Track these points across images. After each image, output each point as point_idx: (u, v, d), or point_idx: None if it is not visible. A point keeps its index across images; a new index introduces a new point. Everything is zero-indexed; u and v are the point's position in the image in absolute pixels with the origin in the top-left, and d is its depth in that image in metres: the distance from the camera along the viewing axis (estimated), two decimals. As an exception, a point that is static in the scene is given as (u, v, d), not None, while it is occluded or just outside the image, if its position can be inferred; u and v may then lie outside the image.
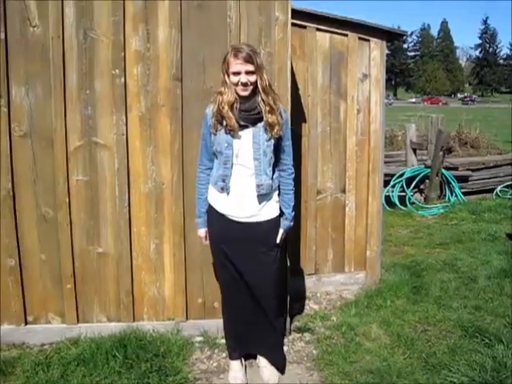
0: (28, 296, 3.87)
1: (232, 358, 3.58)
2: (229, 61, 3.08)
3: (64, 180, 3.72)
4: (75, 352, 3.65)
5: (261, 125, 3.16)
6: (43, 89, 3.64)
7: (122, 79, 3.67)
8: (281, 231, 3.35)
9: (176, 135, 3.77)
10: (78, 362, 3.54)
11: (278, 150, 3.27)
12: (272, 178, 3.25)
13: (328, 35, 4.79)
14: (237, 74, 3.06)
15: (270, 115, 3.13)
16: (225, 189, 3.22)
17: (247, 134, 3.17)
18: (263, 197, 3.24)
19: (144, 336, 3.82)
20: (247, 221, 3.26)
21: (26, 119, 3.66)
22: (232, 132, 3.13)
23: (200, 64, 3.74)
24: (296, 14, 4.17)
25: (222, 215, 3.29)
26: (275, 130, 3.14)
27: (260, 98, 3.13)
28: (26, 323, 3.89)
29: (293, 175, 3.38)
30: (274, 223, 3.33)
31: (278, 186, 3.35)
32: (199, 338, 3.95)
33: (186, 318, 4.02)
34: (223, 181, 3.22)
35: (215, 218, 3.35)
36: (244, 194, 3.22)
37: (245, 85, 3.07)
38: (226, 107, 3.09)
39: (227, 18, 3.68)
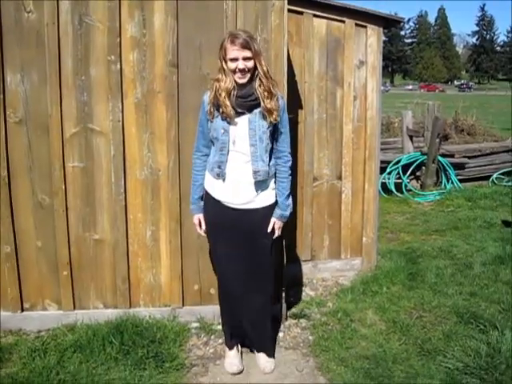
0: (24, 283, 3.87)
1: (228, 344, 3.59)
2: (226, 47, 3.06)
3: (60, 167, 3.71)
4: (72, 338, 3.67)
5: (257, 111, 3.14)
6: (38, 75, 3.62)
7: (118, 65, 3.66)
8: (272, 220, 3.32)
9: (172, 122, 3.76)
10: (74, 348, 3.55)
11: (274, 136, 3.26)
12: (269, 165, 3.24)
13: (325, 21, 4.76)
14: (234, 60, 3.04)
15: (268, 101, 3.11)
16: (221, 175, 3.22)
17: (243, 121, 3.15)
18: (259, 183, 3.23)
19: (140, 322, 3.83)
20: (243, 207, 3.25)
21: (21, 106, 3.65)
22: (228, 119, 3.12)
23: (196, 50, 3.72)
24: (292, 0, 4.14)
25: (218, 201, 3.29)
26: (274, 116, 3.13)
27: (258, 84, 3.11)
28: (23, 310, 3.90)
29: (289, 163, 3.34)
30: (270, 210, 3.32)
31: (275, 173, 3.34)
32: (195, 324, 3.97)
33: (183, 305, 4.03)
34: (219, 167, 3.21)
35: (211, 205, 3.34)
36: (240, 181, 3.21)
37: (242, 71, 3.05)
38: (224, 94, 3.08)
39: (223, 3, 3.65)
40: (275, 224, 3.32)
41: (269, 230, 3.30)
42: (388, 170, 9.34)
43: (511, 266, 5.17)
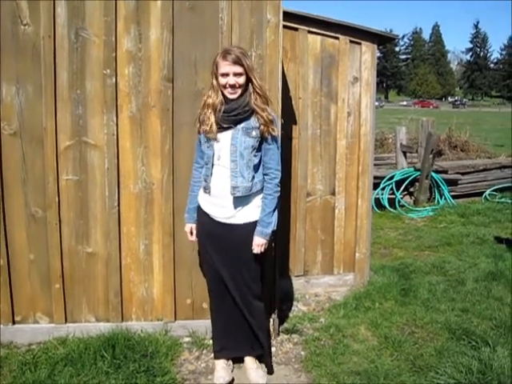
0: (16, 295, 3.85)
1: (217, 357, 3.59)
2: (218, 62, 3.12)
3: (54, 179, 3.71)
4: (63, 352, 3.65)
5: (240, 127, 3.18)
6: (34, 88, 3.63)
7: (113, 79, 3.67)
8: (254, 238, 3.28)
9: (166, 136, 3.77)
10: (65, 361, 3.53)
11: (261, 152, 3.29)
12: (252, 181, 3.22)
13: (319, 38, 4.80)
14: (225, 75, 3.10)
15: (266, 113, 3.17)
16: (206, 188, 3.29)
17: (227, 136, 3.20)
18: (241, 199, 3.24)
19: (132, 336, 3.82)
20: (226, 221, 3.29)
21: (16, 118, 3.65)
22: (210, 134, 3.20)
23: (192, 65, 3.74)
24: (288, 16, 4.18)
25: (207, 214, 3.35)
26: (272, 127, 3.19)
27: (254, 98, 3.16)
28: (14, 323, 3.88)
29: (276, 180, 3.30)
30: (253, 228, 3.29)
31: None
32: (187, 339, 3.96)
33: (175, 319, 4.02)
34: (205, 180, 3.30)
35: (201, 216, 3.43)
36: (223, 195, 3.25)
37: (233, 87, 3.10)
38: (210, 110, 3.18)
39: (219, 19, 3.68)
40: (254, 241, 3.28)
41: (253, 247, 3.28)
42: (381, 186, 9.35)
43: (503, 282, 5.19)
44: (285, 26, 4.02)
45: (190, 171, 3.58)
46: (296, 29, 4.69)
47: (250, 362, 3.59)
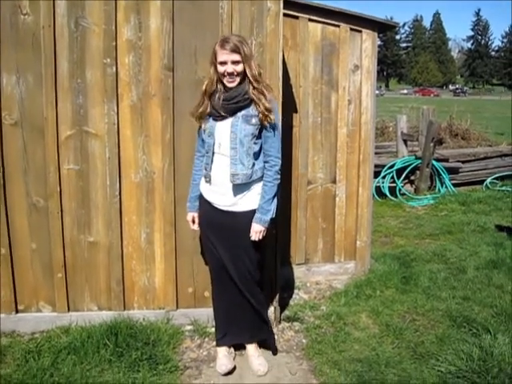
0: (19, 285, 3.87)
1: (219, 344, 3.61)
2: (216, 51, 3.14)
3: (55, 169, 3.72)
4: (66, 340, 3.67)
5: (240, 114, 3.19)
6: (34, 77, 3.63)
7: (114, 68, 3.67)
8: (252, 225, 3.28)
9: (167, 125, 3.77)
10: (68, 350, 3.55)
11: (261, 139, 3.30)
12: (252, 168, 3.23)
13: (320, 26, 4.79)
14: (223, 63, 3.11)
15: (265, 101, 3.16)
16: (207, 176, 3.31)
17: (227, 124, 3.21)
18: (241, 187, 3.25)
19: (134, 325, 3.83)
20: (227, 209, 3.31)
21: (16, 108, 3.65)
22: (208, 123, 3.26)
23: (192, 54, 3.73)
24: (288, 4, 4.16)
25: (208, 202, 3.38)
26: (271, 117, 3.17)
27: (252, 88, 3.16)
28: (17, 312, 3.90)
29: (276, 167, 3.29)
30: (253, 215, 3.30)
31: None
32: (189, 327, 3.98)
33: (177, 307, 4.03)
34: (205, 169, 3.32)
35: (202, 204, 3.45)
36: (224, 183, 3.26)
37: (231, 74, 3.12)
38: (208, 98, 3.23)
39: (219, 8, 3.67)
40: (252, 227, 3.28)
41: (251, 235, 3.28)
42: (382, 174, 9.36)
43: (504, 270, 5.20)
44: (285, 15, 4.00)
45: (191, 160, 3.58)
46: (296, 17, 4.67)
47: (251, 349, 3.61)
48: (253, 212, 3.30)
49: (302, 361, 3.64)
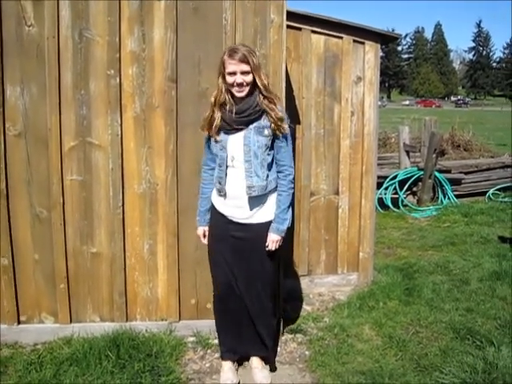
0: (21, 296, 3.86)
1: (223, 358, 3.58)
2: (224, 61, 3.10)
3: (58, 180, 3.72)
4: (68, 352, 3.66)
5: (252, 126, 3.17)
6: (38, 88, 3.64)
7: (117, 80, 3.68)
8: (269, 235, 3.29)
9: (170, 136, 3.77)
10: (70, 361, 3.54)
11: (273, 150, 3.29)
12: (267, 180, 3.23)
13: (323, 37, 4.81)
14: (232, 74, 3.08)
15: (276, 112, 3.16)
16: (221, 190, 3.26)
17: (239, 137, 3.18)
18: (257, 198, 3.24)
19: (137, 336, 3.82)
20: (243, 222, 3.28)
21: (20, 119, 3.66)
22: (214, 133, 3.21)
23: (195, 65, 3.75)
24: (291, 16, 4.18)
25: (222, 215, 3.33)
26: (284, 125, 3.19)
27: (262, 98, 3.15)
28: (19, 323, 3.89)
29: (290, 177, 3.31)
30: (269, 226, 3.30)
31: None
32: (192, 339, 3.96)
33: (179, 319, 4.02)
34: (219, 183, 3.26)
35: (215, 217, 3.40)
36: (239, 196, 3.23)
37: (240, 85, 3.09)
38: (217, 110, 3.17)
39: (222, 19, 3.69)
40: (269, 237, 3.29)
41: (267, 244, 3.28)
42: (385, 186, 9.34)
43: (508, 281, 5.18)
44: (288, 26, 4.02)
45: (194, 172, 3.59)
46: (299, 28, 4.69)
47: (256, 361, 3.59)
48: (269, 223, 3.30)
49: (305, 373, 3.62)
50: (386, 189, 9.37)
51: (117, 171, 3.77)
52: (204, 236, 3.51)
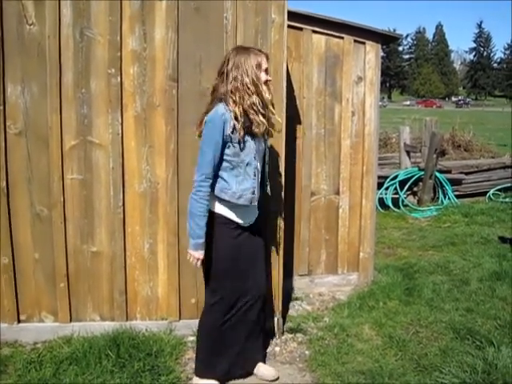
0: (21, 294, 3.86)
1: (212, 374, 3.36)
2: (259, 58, 3.07)
3: (59, 179, 3.72)
4: (68, 351, 3.65)
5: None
6: (39, 87, 3.64)
7: (118, 79, 3.68)
8: None
9: (171, 135, 3.77)
10: (70, 360, 3.54)
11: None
12: None
13: (324, 37, 4.81)
14: (266, 71, 3.09)
15: (273, 116, 3.19)
16: (253, 201, 3.15)
17: (260, 142, 3.19)
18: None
19: (137, 335, 3.82)
20: (252, 225, 3.30)
21: (21, 117, 3.66)
22: (254, 138, 3.11)
23: (196, 65, 3.75)
24: (292, 16, 4.18)
25: (238, 224, 3.20)
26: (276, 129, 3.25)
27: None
28: (19, 321, 3.89)
29: None
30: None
31: None
32: (192, 338, 3.95)
33: (179, 318, 4.02)
34: (253, 193, 3.14)
35: (233, 229, 3.20)
36: (256, 201, 3.24)
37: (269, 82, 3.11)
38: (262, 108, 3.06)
39: (223, 19, 3.69)
40: None
41: None
42: (385, 186, 9.35)
43: (508, 282, 5.18)
44: (289, 26, 4.02)
45: (195, 171, 3.58)
46: (300, 28, 4.69)
47: (263, 367, 3.55)
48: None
49: (305, 372, 3.62)
50: (387, 189, 9.37)
51: (117, 170, 3.77)
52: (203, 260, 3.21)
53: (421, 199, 9.55)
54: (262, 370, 3.52)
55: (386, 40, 5.14)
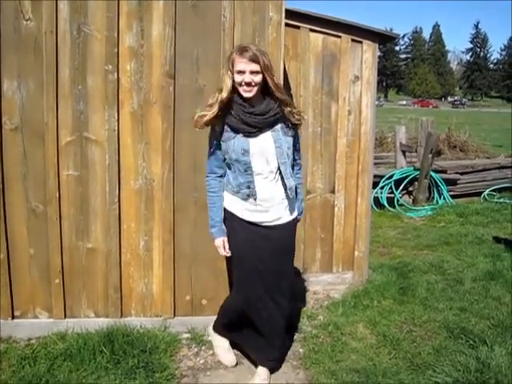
0: (16, 290, 3.86)
1: (225, 335, 3.63)
2: (234, 58, 2.98)
3: (54, 175, 3.72)
4: (62, 347, 3.65)
5: (278, 127, 3.12)
6: (35, 83, 3.63)
7: (115, 75, 3.68)
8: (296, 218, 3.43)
9: (168, 132, 3.77)
10: (64, 356, 3.53)
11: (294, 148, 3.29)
12: (294, 179, 3.28)
13: (321, 36, 4.81)
14: (241, 72, 2.95)
15: (289, 110, 3.11)
16: (251, 195, 3.13)
17: (267, 139, 3.10)
18: (287, 199, 3.24)
19: (131, 332, 3.82)
20: (271, 224, 3.22)
21: (17, 113, 3.65)
22: (224, 137, 3.11)
23: (193, 62, 3.75)
24: (290, 14, 4.18)
25: (247, 222, 3.21)
26: (297, 117, 3.16)
27: (275, 97, 3.06)
28: (13, 317, 3.89)
29: (301, 167, 3.53)
30: (294, 222, 3.38)
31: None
32: (186, 335, 3.96)
33: (174, 315, 4.03)
34: (248, 187, 3.14)
35: (239, 225, 3.24)
36: (269, 199, 3.17)
37: (248, 84, 2.97)
38: (221, 106, 3.04)
39: (221, 17, 3.69)
40: (296, 220, 3.44)
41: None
42: (381, 185, 9.35)
43: (501, 282, 5.19)
44: (287, 24, 4.02)
45: (191, 168, 3.60)
46: (298, 27, 4.69)
47: (263, 372, 3.48)
48: (294, 220, 3.37)
49: (299, 370, 3.63)
50: (382, 188, 9.37)
51: (113, 167, 3.77)
52: (224, 247, 3.31)
53: (416, 199, 9.57)
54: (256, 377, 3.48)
55: (383, 39, 5.14)
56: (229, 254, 3.32)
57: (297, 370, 3.64)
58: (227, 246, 3.31)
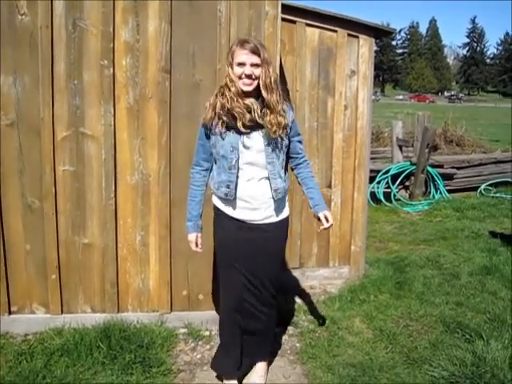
0: (12, 286, 3.85)
1: (231, 377, 3.38)
2: (234, 50, 2.90)
3: (50, 170, 3.71)
4: (59, 342, 3.65)
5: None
6: (31, 78, 3.62)
7: (111, 70, 3.66)
8: (324, 213, 3.21)
9: (164, 127, 3.77)
10: (61, 352, 3.54)
11: (289, 148, 3.18)
12: (286, 181, 3.16)
13: (317, 31, 4.80)
14: (242, 64, 2.87)
15: (269, 115, 2.95)
16: (229, 195, 3.04)
17: (257, 136, 3.00)
18: (273, 200, 3.12)
19: (128, 327, 3.82)
20: (258, 223, 3.13)
21: (13, 108, 3.64)
22: (216, 132, 2.99)
23: (189, 57, 3.74)
24: (286, 8, 4.18)
25: (232, 218, 3.13)
26: (273, 130, 2.94)
27: (262, 98, 2.94)
28: (10, 313, 3.89)
29: (309, 163, 3.41)
30: (284, 223, 3.25)
31: (299, 180, 3.32)
32: (183, 330, 3.97)
33: (171, 310, 4.03)
34: (227, 187, 3.04)
35: (224, 222, 3.18)
36: (256, 198, 3.07)
37: (249, 77, 2.88)
38: (236, 98, 2.90)
39: (217, 12, 3.68)
40: (325, 214, 3.21)
41: (324, 222, 3.19)
42: (377, 180, 9.36)
43: (497, 276, 5.21)
44: (283, 19, 4.02)
45: (187, 163, 3.56)
46: (294, 21, 4.69)
47: (260, 369, 3.46)
48: (283, 221, 3.23)
49: (296, 365, 3.64)
50: (379, 183, 9.38)
51: (109, 162, 3.76)
52: (197, 243, 3.24)
53: (412, 193, 9.58)
54: (253, 375, 3.45)
55: (380, 34, 5.14)
56: (201, 250, 3.27)
57: (294, 364, 3.65)
58: (200, 242, 3.24)
